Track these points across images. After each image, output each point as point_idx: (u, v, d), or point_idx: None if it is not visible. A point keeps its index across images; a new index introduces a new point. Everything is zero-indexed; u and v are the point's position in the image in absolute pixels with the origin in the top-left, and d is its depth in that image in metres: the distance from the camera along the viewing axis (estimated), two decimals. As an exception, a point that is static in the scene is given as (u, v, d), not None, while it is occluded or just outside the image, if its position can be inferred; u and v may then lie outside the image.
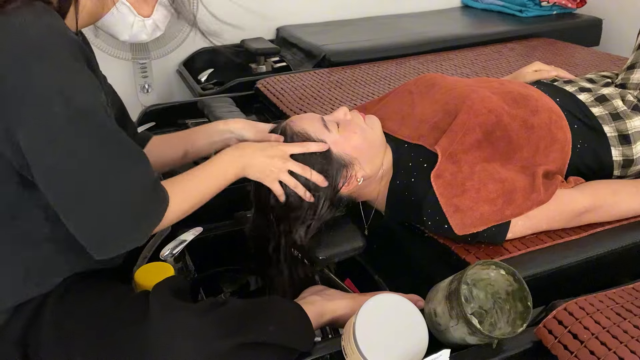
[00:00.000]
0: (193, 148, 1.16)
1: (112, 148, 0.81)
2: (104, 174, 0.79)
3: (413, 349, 0.83)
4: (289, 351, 0.88)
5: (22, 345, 0.88)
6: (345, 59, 2.19)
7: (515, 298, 0.88)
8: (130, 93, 2.34)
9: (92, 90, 0.80)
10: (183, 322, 0.84)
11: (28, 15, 0.78)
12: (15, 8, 0.78)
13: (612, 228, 1.11)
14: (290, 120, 1.09)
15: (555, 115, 1.15)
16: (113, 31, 0.96)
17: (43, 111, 0.75)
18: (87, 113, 0.78)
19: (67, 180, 0.78)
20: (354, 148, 1.06)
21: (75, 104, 0.76)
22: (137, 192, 0.82)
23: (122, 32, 0.97)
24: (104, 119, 0.80)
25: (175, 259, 1.12)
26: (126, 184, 0.81)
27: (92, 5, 0.89)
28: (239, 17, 2.46)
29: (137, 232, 0.83)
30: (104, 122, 0.80)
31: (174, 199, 0.86)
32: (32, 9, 0.79)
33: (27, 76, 0.75)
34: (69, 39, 0.80)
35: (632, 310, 0.89)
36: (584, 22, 2.66)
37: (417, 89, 1.28)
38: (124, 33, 0.97)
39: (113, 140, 0.81)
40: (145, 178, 0.83)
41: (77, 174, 0.78)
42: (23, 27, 0.77)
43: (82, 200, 0.79)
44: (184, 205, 0.90)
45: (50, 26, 0.79)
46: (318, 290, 1.06)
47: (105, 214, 0.79)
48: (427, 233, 1.11)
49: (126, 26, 0.95)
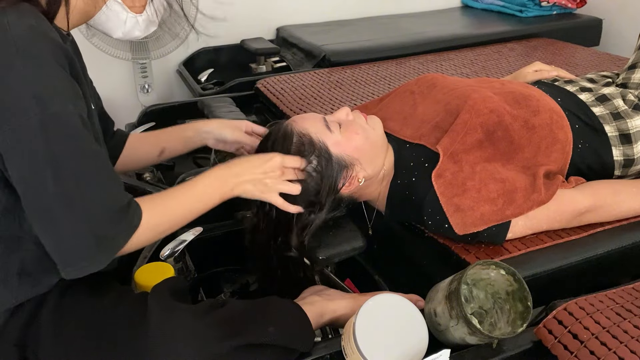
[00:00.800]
0: (169, 146, 1.15)
1: (82, 161, 0.77)
2: (70, 188, 0.76)
3: (413, 349, 0.83)
4: (289, 352, 0.88)
5: (21, 346, 0.87)
6: (345, 59, 2.19)
7: (515, 298, 0.88)
8: (130, 93, 2.34)
9: (70, 97, 0.78)
10: (182, 324, 0.83)
11: (11, 15, 0.77)
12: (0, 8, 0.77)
13: (612, 228, 1.11)
14: (292, 120, 1.09)
15: (557, 115, 1.15)
16: (106, 29, 0.96)
17: (17, 115, 0.73)
18: (60, 120, 0.75)
19: (33, 189, 0.76)
20: (356, 149, 1.06)
21: (49, 110, 0.74)
22: (102, 212, 0.77)
23: (115, 30, 0.96)
24: (79, 129, 0.77)
25: (175, 259, 1.12)
26: (91, 201, 0.77)
27: (84, 5, 0.88)
28: (239, 17, 2.48)
29: (97, 255, 0.78)
30: (77, 133, 0.77)
31: (150, 220, 0.82)
32: (17, 10, 0.78)
33: (6, 77, 0.74)
34: (52, 42, 0.78)
35: (632, 310, 0.89)
36: (584, 22, 2.66)
37: (418, 89, 1.28)
38: (117, 30, 0.96)
39: (84, 153, 0.78)
40: (114, 198, 0.79)
41: (41, 183, 0.75)
42: (4, 29, 0.75)
43: (46, 213, 0.76)
44: (159, 227, 0.85)
45: (33, 28, 0.77)
46: (318, 290, 1.06)
47: (67, 232, 0.76)
48: (427, 233, 1.11)
49: (119, 23, 0.95)
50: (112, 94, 2.33)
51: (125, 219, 0.80)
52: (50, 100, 0.75)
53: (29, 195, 0.77)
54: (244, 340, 0.83)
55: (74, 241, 0.76)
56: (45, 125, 0.74)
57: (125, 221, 0.80)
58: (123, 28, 0.96)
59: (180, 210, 0.88)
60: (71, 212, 0.75)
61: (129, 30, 0.96)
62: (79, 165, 0.77)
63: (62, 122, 0.76)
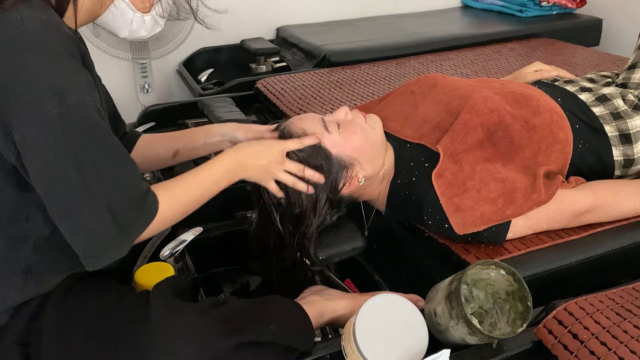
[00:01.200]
0: (184, 148, 1.15)
1: (102, 152, 0.79)
2: (91, 178, 0.77)
3: (413, 349, 0.83)
4: (289, 350, 0.88)
5: (23, 345, 0.88)
6: (345, 59, 2.19)
7: (515, 298, 0.88)
8: (130, 93, 2.34)
9: (86, 89, 0.79)
10: (183, 322, 0.83)
11: (25, 11, 0.78)
12: (12, 4, 0.78)
13: (612, 228, 1.11)
14: (290, 121, 1.09)
15: (557, 115, 1.15)
16: (112, 28, 0.96)
17: (35, 107, 0.74)
18: (79, 112, 0.77)
19: (54, 182, 0.77)
20: (355, 149, 1.06)
21: (67, 102, 0.75)
22: (123, 201, 0.79)
23: (122, 29, 0.96)
24: (96, 120, 0.78)
25: (175, 259, 1.12)
26: (112, 190, 0.78)
27: (91, 3, 0.89)
28: (239, 17, 2.48)
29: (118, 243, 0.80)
30: (95, 123, 0.78)
31: (163, 205, 0.84)
32: (29, 6, 0.79)
33: (22, 72, 0.74)
34: (65, 36, 0.79)
35: (632, 310, 0.89)
36: (584, 22, 2.66)
37: (419, 89, 1.28)
38: (124, 30, 0.96)
39: (103, 143, 0.79)
40: (133, 186, 0.81)
41: (63, 175, 0.76)
42: (19, 23, 0.76)
43: (68, 205, 0.77)
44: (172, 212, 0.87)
45: (46, 23, 0.78)
46: (318, 290, 1.06)
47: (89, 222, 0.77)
48: (427, 233, 1.11)
49: (125, 23, 0.95)
50: (112, 94, 2.31)
51: (144, 207, 0.82)
52: (67, 92, 0.76)
53: (50, 188, 0.77)
54: (244, 338, 0.84)
55: (96, 231, 0.78)
56: (65, 117, 0.75)
57: (144, 209, 0.82)
58: (129, 27, 0.96)
59: (193, 196, 0.90)
60: (93, 202, 0.77)
61: (135, 29, 0.97)
62: (99, 156, 0.78)
63: (80, 113, 0.77)
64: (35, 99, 0.74)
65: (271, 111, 1.85)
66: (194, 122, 1.84)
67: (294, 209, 1.04)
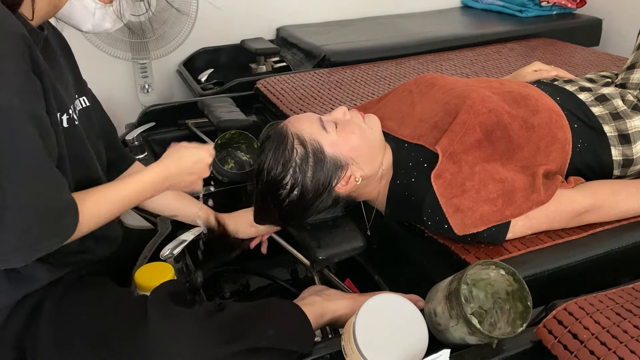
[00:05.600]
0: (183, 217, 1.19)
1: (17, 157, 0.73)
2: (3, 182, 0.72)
3: (413, 349, 0.83)
4: (289, 354, 0.88)
5: (19, 348, 0.87)
6: (345, 59, 2.19)
7: (515, 298, 0.88)
8: (130, 93, 2.34)
9: (18, 91, 0.73)
10: (182, 329, 0.83)
11: None
12: None
13: (612, 228, 1.11)
14: (288, 121, 1.09)
15: (556, 114, 1.15)
16: (75, 21, 0.91)
17: None
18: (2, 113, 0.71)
19: None
20: (353, 148, 1.06)
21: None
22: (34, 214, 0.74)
23: (85, 22, 0.91)
24: (21, 124, 0.73)
25: (175, 259, 1.12)
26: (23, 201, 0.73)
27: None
28: (239, 17, 2.48)
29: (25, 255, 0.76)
30: (17, 128, 0.73)
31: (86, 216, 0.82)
32: None
33: None
34: (8, 33, 0.74)
35: (632, 310, 0.89)
36: (584, 22, 2.66)
37: (417, 88, 1.28)
38: (87, 22, 0.91)
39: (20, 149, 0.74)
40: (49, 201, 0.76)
41: None
42: None
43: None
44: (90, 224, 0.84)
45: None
46: (318, 291, 1.06)
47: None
48: (427, 233, 1.11)
49: (87, 15, 0.90)
50: (112, 94, 2.33)
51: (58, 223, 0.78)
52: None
53: None
54: (243, 344, 0.83)
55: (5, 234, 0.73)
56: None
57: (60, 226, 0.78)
58: (92, 20, 0.91)
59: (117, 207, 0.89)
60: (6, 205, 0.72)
61: (98, 22, 0.92)
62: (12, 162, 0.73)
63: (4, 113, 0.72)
64: None
65: (271, 111, 1.85)
66: (194, 122, 1.84)
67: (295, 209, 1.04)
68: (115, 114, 1.20)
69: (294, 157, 1.03)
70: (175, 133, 1.87)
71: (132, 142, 1.66)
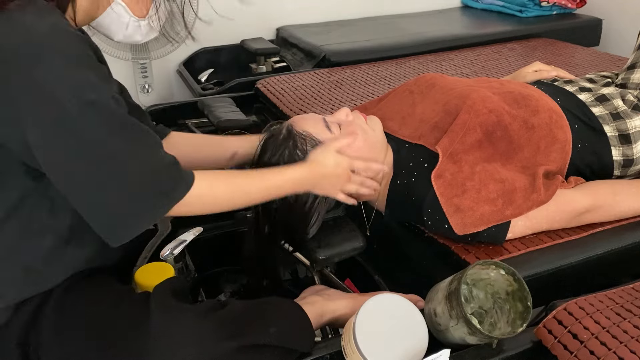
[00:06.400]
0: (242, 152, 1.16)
1: (125, 133, 0.80)
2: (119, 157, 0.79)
3: (413, 349, 0.83)
4: (289, 352, 0.88)
5: (23, 344, 0.88)
6: (345, 59, 2.19)
7: (515, 298, 0.88)
8: (131, 93, 2.33)
9: (101, 83, 0.80)
10: (183, 325, 0.83)
11: (31, 12, 0.78)
12: (17, 5, 0.78)
13: (612, 228, 1.11)
14: (292, 121, 1.09)
15: (556, 115, 1.15)
16: (108, 31, 0.96)
17: (54, 109, 0.75)
18: (96, 105, 0.78)
19: (82, 170, 0.78)
20: (356, 149, 1.06)
21: (85, 98, 0.76)
22: (151, 172, 0.81)
23: (117, 32, 0.96)
24: (114, 107, 0.80)
25: (175, 259, 1.13)
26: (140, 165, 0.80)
27: (88, 5, 0.89)
28: (239, 18, 2.48)
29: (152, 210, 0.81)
30: (114, 110, 0.79)
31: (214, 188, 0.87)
32: (35, 7, 0.79)
33: (37, 75, 0.75)
34: (75, 35, 0.80)
35: (632, 310, 0.89)
36: (584, 22, 2.66)
37: (417, 88, 1.28)
38: (119, 33, 0.96)
39: (125, 125, 0.81)
40: (160, 160, 0.82)
41: (91, 162, 0.77)
42: (28, 25, 0.76)
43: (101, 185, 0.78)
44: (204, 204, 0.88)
45: (54, 25, 0.79)
46: (318, 290, 1.06)
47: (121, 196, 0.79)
48: (427, 233, 1.11)
49: (121, 26, 0.95)
50: (112, 94, 2.33)
51: (174, 175, 0.83)
52: (85, 90, 0.77)
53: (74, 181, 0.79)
54: (244, 341, 0.84)
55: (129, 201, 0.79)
56: (83, 110, 0.76)
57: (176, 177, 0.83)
58: (124, 31, 0.96)
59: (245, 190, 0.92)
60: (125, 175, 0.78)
61: (130, 34, 0.97)
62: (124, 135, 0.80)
63: (98, 104, 0.78)
64: (53, 100, 0.75)
65: (271, 111, 1.85)
66: (194, 122, 1.84)
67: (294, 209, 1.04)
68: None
69: (300, 156, 1.03)
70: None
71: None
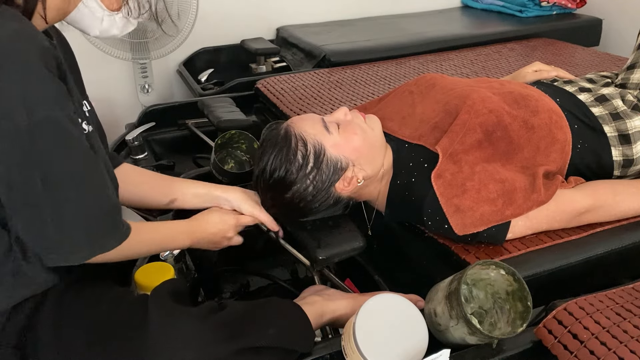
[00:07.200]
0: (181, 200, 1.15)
1: (75, 156, 0.78)
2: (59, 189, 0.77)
3: (413, 349, 0.83)
4: (289, 353, 0.88)
5: (20, 348, 0.87)
6: (345, 59, 2.19)
7: (515, 298, 0.88)
8: (130, 93, 2.34)
9: (58, 100, 0.76)
10: (182, 327, 0.83)
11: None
12: None
13: (612, 228, 1.11)
14: (290, 121, 1.09)
15: (556, 115, 1.15)
16: (83, 26, 0.93)
17: (5, 121, 0.72)
18: (48, 126, 0.75)
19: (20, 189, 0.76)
20: (354, 149, 1.06)
21: (38, 116, 0.74)
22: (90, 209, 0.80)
23: (92, 28, 0.93)
24: (67, 132, 0.77)
25: (175, 259, 1.13)
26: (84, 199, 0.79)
27: (59, 1, 0.85)
28: (239, 18, 2.48)
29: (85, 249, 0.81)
30: (65, 136, 0.77)
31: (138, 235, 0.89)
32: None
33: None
34: (38, 45, 0.76)
35: (632, 310, 0.89)
36: (584, 22, 2.66)
37: (417, 89, 1.28)
38: (94, 28, 0.94)
39: (76, 147, 0.78)
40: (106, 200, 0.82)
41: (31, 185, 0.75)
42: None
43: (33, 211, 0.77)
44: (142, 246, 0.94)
45: (18, 32, 0.75)
46: (318, 290, 1.06)
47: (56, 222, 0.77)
48: (427, 233, 1.11)
49: (95, 21, 0.92)
50: (112, 94, 2.33)
51: (115, 221, 0.84)
52: (38, 105, 0.74)
53: (14, 194, 0.76)
54: (244, 343, 0.83)
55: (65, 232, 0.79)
56: (33, 131, 0.73)
57: (116, 224, 0.84)
58: (99, 26, 0.93)
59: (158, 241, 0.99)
60: (67, 206, 0.77)
61: (105, 28, 0.94)
62: (68, 168, 0.77)
63: (50, 127, 0.75)
64: (4, 112, 0.72)
65: (271, 111, 1.85)
66: (194, 122, 1.84)
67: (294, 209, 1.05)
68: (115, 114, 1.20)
69: (297, 157, 1.03)
70: (175, 133, 1.87)
71: (132, 142, 1.66)
